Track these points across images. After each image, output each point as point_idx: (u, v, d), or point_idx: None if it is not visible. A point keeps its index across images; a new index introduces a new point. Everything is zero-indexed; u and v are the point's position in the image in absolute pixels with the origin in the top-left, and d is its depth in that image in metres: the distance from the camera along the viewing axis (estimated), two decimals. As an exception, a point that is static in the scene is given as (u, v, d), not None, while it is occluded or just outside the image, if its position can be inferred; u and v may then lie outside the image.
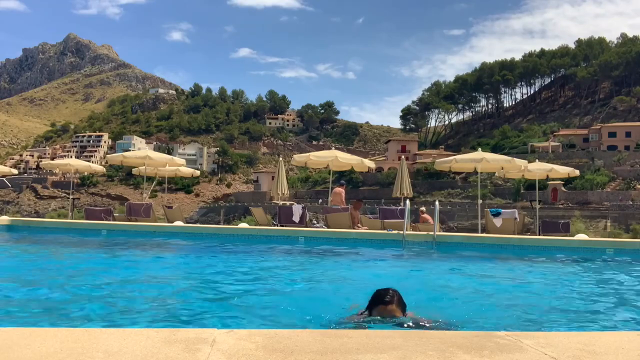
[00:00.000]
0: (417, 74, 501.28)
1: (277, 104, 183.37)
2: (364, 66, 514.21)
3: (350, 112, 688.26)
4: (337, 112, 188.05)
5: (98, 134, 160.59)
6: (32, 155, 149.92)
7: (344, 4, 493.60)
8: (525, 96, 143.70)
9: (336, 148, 78.99)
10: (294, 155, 20.50)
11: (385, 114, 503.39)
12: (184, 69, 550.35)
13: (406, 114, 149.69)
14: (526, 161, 19.55)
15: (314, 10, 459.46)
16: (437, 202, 13.91)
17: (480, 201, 19.75)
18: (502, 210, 16.29)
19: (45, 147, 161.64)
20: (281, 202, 21.16)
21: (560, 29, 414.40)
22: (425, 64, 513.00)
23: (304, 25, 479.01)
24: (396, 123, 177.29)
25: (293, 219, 16.01)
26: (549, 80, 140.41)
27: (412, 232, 13.09)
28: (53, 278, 6.34)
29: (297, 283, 6.67)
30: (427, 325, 3.46)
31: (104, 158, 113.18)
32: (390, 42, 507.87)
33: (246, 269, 7.90)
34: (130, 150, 79.34)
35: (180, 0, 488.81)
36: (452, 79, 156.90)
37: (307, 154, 20.25)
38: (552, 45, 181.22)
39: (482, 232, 16.07)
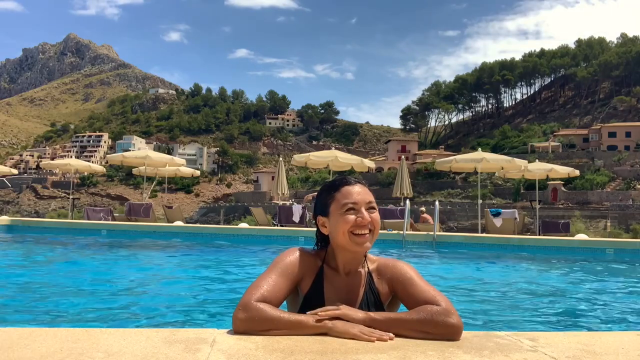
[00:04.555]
0: (413, 75, 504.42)
1: (277, 104, 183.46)
2: (361, 67, 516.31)
3: (348, 113, 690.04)
4: (337, 112, 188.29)
5: (98, 134, 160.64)
6: (32, 155, 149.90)
7: (342, 5, 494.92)
8: (525, 96, 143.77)
9: (336, 148, 78.94)
10: (294, 155, 20.52)
11: (383, 115, 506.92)
12: (181, 69, 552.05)
13: (406, 114, 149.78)
14: (526, 161, 19.59)
15: (310, 10, 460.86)
16: (437, 202, 13.93)
17: (480, 201, 19.77)
18: (502, 210, 16.32)
19: (45, 147, 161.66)
20: (281, 202, 21.17)
21: (554, 30, 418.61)
22: (421, 64, 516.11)
23: (302, 25, 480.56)
24: (393, 123, 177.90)
25: (293, 219, 16.04)
26: (549, 80, 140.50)
27: (412, 232, 13.10)
28: (52, 278, 6.34)
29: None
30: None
31: (104, 158, 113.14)
32: (386, 43, 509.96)
33: (246, 269, 7.90)
34: (130, 150, 79.35)
35: (178, 1, 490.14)
36: (448, 79, 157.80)
37: (307, 154, 20.28)
38: (546, 45, 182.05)
39: (482, 232, 16.08)
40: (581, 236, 13.93)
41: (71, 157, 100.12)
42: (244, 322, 1.69)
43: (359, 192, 1.97)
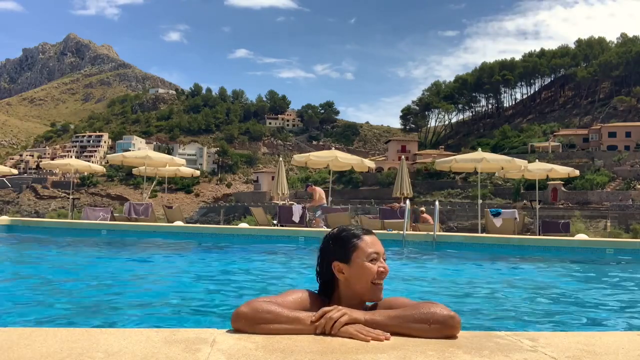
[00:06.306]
0: (412, 75, 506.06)
1: (277, 104, 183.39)
2: (361, 67, 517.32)
3: (348, 113, 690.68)
4: (337, 112, 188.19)
5: (98, 134, 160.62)
6: (32, 155, 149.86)
7: (341, 5, 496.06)
8: (525, 96, 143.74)
9: (336, 148, 78.93)
10: (294, 155, 20.52)
11: (382, 115, 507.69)
12: (181, 69, 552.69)
13: (406, 113, 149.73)
14: (526, 161, 19.57)
15: (310, 11, 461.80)
16: (437, 202, 13.92)
17: (480, 201, 19.76)
18: (502, 210, 16.31)
19: (45, 147, 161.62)
20: (281, 202, 21.16)
21: (553, 30, 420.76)
22: (420, 64, 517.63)
23: (302, 25, 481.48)
24: (393, 123, 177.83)
25: (293, 219, 16.03)
26: (549, 80, 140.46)
27: (412, 232, 13.10)
28: (52, 278, 6.34)
29: (296, 283, 6.67)
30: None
31: (104, 158, 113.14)
32: (385, 43, 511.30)
33: (246, 269, 7.90)
34: (130, 150, 79.34)
35: (177, 1, 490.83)
36: (447, 79, 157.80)
37: (307, 154, 20.27)
38: (545, 46, 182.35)
39: (482, 232, 16.08)
40: (581, 236, 13.94)
41: (71, 157, 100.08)
42: (245, 315, 1.74)
43: (379, 242, 2.03)
